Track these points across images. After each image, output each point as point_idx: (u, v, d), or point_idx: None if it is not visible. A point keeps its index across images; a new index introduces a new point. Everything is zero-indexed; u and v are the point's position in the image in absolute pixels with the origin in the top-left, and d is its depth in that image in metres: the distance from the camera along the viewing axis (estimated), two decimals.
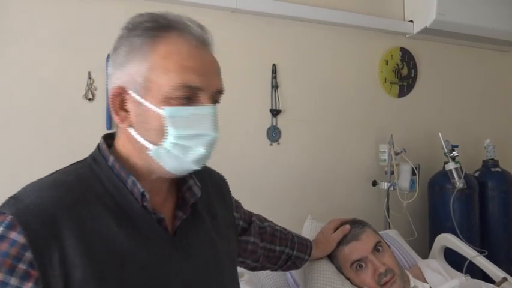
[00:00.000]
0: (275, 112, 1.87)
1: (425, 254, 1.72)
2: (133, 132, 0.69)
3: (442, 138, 1.85)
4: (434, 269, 1.36)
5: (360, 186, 2.05)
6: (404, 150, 1.89)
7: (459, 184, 1.81)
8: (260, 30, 1.86)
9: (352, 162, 2.05)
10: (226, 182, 0.98)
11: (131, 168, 0.71)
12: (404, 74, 2.19)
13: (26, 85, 1.50)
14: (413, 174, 1.89)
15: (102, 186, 0.69)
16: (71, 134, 1.54)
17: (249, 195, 1.78)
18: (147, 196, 0.69)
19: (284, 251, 1.11)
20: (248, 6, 1.78)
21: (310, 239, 1.23)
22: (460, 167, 1.84)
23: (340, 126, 2.03)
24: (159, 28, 0.68)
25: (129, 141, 0.71)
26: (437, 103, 2.28)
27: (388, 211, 1.94)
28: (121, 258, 0.64)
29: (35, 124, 1.51)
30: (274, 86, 1.88)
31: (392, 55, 2.16)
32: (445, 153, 1.86)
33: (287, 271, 1.26)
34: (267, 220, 1.14)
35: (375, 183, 2.01)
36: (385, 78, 2.14)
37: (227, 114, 1.35)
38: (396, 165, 1.91)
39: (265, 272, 1.32)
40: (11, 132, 1.48)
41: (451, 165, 1.84)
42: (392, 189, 1.91)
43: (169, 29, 0.68)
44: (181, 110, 0.66)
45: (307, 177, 1.94)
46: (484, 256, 1.48)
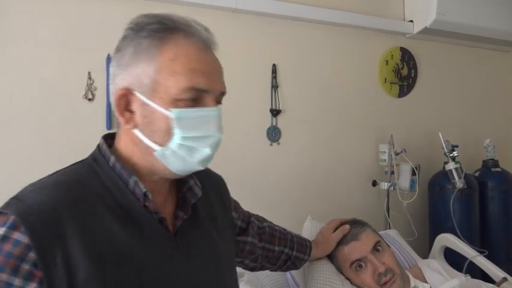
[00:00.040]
0: (275, 112, 1.87)
1: (425, 254, 1.72)
2: (138, 133, 0.69)
3: (442, 138, 1.85)
4: (435, 269, 1.36)
5: (360, 186, 2.05)
6: (405, 150, 1.89)
7: (459, 184, 1.81)
8: (260, 30, 1.86)
9: (352, 162, 2.05)
10: (225, 182, 0.98)
11: (133, 168, 0.71)
12: (404, 74, 2.19)
13: (26, 85, 1.50)
14: (413, 174, 1.89)
15: (103, 186, 0.69)
16: (71, 134, 1.54)
17: (249, 195, 1.79)
18: (150, 196, 0.69)
19: (283, 251, 1.11)
20: (248, 6, 1.78)
21: (310, 239, 1.23)
22: (460, 167, 1.84)
23: (340, 126, 2.03)
24: (166, 30, 0.68)
25: (132, 141, 0.71)
26: (437, 103, 2.28)
27: (388, 211, 1.94)
28: (124, 258, 0.64)
29: (35, 124, 1.51)
30: (274, 86, 1.88)
31: (392, 55, 2.16)
32: (445, 153, 1.86)
33: (287, 271, 1.26)
34: (266, 220, 1.14)
35: (375, 183, 2.00)
36: (385, 78, 2.14)
37: (227, 114, 1.33)
38: (396, 165, 1.91)
39: (265, 272, 1.32)
40: (11, 132, 1.48)
41: (451, 165, 1.84)
42: (392, 189, 1.91)
43: (175, 30, 0.68)
44: (188, 111, 0.67)
45: (307, 177, 1.94)
46: (484, 256, 1.48)
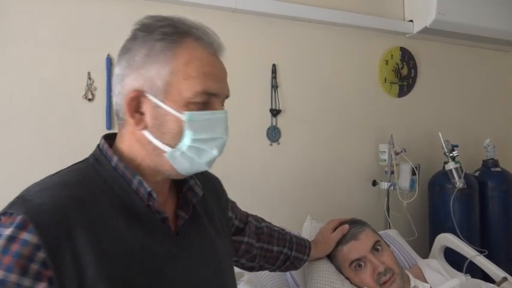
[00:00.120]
0: (275, 112, 1.87)
1: (425, 253, 1.72)
2: (148, 134, 0.69)
3: (442, 138, 1.85)
4: (435, 268, 1.36)
5: (360, 186, 2.05)
6: (404, 150, 1.89)
7: (459, 184, 1.81)
8: (260, 30, 1.87)
9: (352, 162, 2.05)
10: (221, 182, 0.98)
11: (136, 168, 0.71)
12: (404, 73, 2.19)
13: (26, 85, 1.50)
14: (413, 174, 1.89)
15: (106, 185, 0.69)
16: (71, 134, 1.55)
17: (249, 195, 1.80)
18: (154, 196, 0.70)
19: (282, 251, 1.11)
20: (248, 6, 1.78)
21: (310, 240, 1.23)
22: (460, 167, 1.84)
23: (340, 126, 2.03)
24: (178, 33, 0.69)
25: (139, 142, 0.71)
26: (437, 103, 2.28)
27: (388, 211, 1.94)
28: (130, 257, 0.65)
29: (35, 124, 1.51)
30: (274, 86, 1.88)
31: (392, 55, 2.16)
32: (445, 153, 1.86)
33: (286, 272, 1.26)
34: (264, 221, 1.14)
35: (374, 183, 2.01)
36: (385, 78, 2.14)
37: None
38: (396, 165, 1.91)
39: (265, 272, 1.31)
40: (11, 132, 1.48)
41: (451, 165, 1.84)
42: (392, 189, 1.91)
43: (187, 34, 0.70)
44: (200, 114, 0.69)
45: (307, 177, 1.94)
46: (484, 256, 1.48)
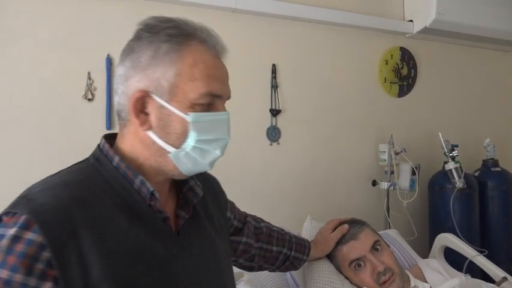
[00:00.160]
0: (275, 112, 1.87)
1: (425, 253, 1.72)
2: (152, 135, 0.70)
3: (442, 138, 1.85)
4: (435, 268, 1.36)
5: (360, 186, 2.05)
6: (404, 150, 1.89)
7: (459, 184, 1.81)
8: (260, 30, 1.87)
9: (352, 162, 2.05)
10: (219, 182, 0.98)
11: (138, 168, 0.72)
12: (404, 73, 2.19)
13: (26, 85, 1.50)
14: (413, 174, 1.89)
15: (108, 185, 0.69)
16: (70, 134, 1.55)
17: (249, 195, 1.80)
18: (157, 195, 0.70)
19: (282, 251, 1.11)
20: (248, 6, 1.78)
21: (310, 240, 1.23)
22: (460, 167, 1.84)
23: (340, 126, 2.03)
24: (183, 35, 0.70)
25: (142, 143, 0.71)
26: (437, 103, 2.28)
27: (388, 211, 1.94)
28: (133, 257, 0.65)
29: (35, 124, 1.51)
30: (274, 86, 1.88)
31: (392, 55, 2.16)
32: (445, 153, 1.86)
33: (286, 272, 1.26)
34: (263, 221, 1.14)
35: (374, 183, 2.01)
36: (385, 78, 2.14)
37: None
38: (396, 165, 1.91)
39: (265, 272, 1.31)
40: (11, 132, 1.48)
41: (451, 165, 1.84)
42: (392, 189, 1.91)
43: (192, 37, 0.70)
44: (204, 115, 0.70)
45: (307, 177, 1.94)
46: (484, 256, 1.48)
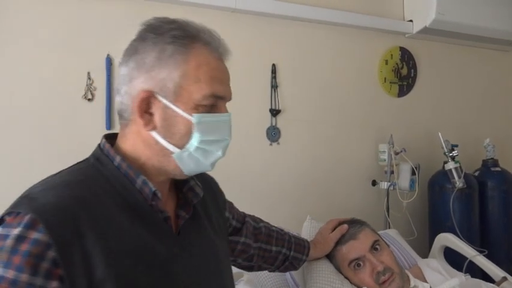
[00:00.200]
0: (275, 112, 1.87)
1: (425, 253, 1.72)
2: (156, 135, 0.70)
3: (441, 138, 1.85)
4: (434, 268, 1.36)
5: (360, 186, 2.05)
6: (404, 150, 1.89)
7: (459, 184, 1.81)
8: (259, 30, 1.87)
9: (351, 162, 2.05)
10: (217, 183, 0.99)
11: (140, 168, 0.72)
12: (403, 73, 2.19)
13: (26, 85, 1.50)
14: (413, 173, 1.89)
15: (109, 185, 0.69)
16: (70, 134, 1.55)
17: (249, 195, 1.80)
18: (159, 195, 0.70)
19: (281, 251, 1.12)
20: (247, 6, 1.78)
21: (309, 240, 1.23)
22: (459, 167, 1.84)
23: (340, 126, 2.03)
24: (188, 37, 0.70)
25: (145, 143, 0.72)
26: (437, 103, 2.28)
27: (387, 211, 1.94)
28: (135, 256, 0.65)
29: (35, 124, 1.51)
30: (274, 86, 1.88)
31: (391, 55, 2.16)
32: (444, 153, 1.86)
33: (285, 272, 1.26)
34: (262, 221, 1.14)
35: (374, 183, 2.00)
36: (385, 78, 2.14)
37: None
38: (396, 165, 1.91)
39: (264, 272, 1.31)
40: (11, 132, 1.48)
41: (451, 165, 1.84)
42: (392, 188, 1.91)
43: (196, 39, 0.71)
44: (208, 116, 0.71)
45: (307, 177, 1.94)
46: (483, 255, 1.48)
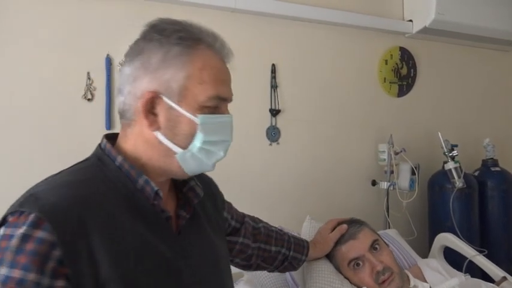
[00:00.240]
0: (274, 112, 1.87)
1: (425, 253, 1.72)
2: (159, 135, 0.70)
3: (441, 138, 1.85)
4: (434, 268, 1.36)
5: (360, 186, 2.05)
6: (404, 150, 1.89)
7: (459, 183, 1.81)
8: (259, 30, 1.87)
9: (351, 162, 2.05)
10: (215, 183, 0.99)
11: (141, 168, 0.72)
12: (403, 73, 2.19)
13: (26, 85, 1.50)
14: (413, 173, 1.89)
15: (111, 184, 0.69)
16: (70, 134, 1.55)
17: (248, 195, 1.81)
18: (161, 195, 0.71)
19: (280, 251, 1.12)
20: (247, 6, 1.78)
21: (309, 240, 1.23)
22: (459, 167, 1.84)
23: (339, 126, 2.03)
24: (193, 38, 0.71)
25: (147, 143, 0.72)
26: (436, 103, 2.28)
27: (387, 211, 1.94)
28: (139, 256, 0.65)
29: (34, 124, 1.51)
30: (274, 86, 1.88)
31: (391, 55, 2.16)
32: (444, 153, 1.86)
33: (284, 272, 1.26)
34: (261, 221, 1.14)
35: (374, 183, 2.00)
36: (385, 78, 2.14)
37: None
38: (396, 165, 1.91)
39: (264, 272, 1.31)
40: (11, 132, 1.48)
41: (451, 165, 1.84)
42: (391, 188, 1.91)
43: (200, 41, 0.72)
44: (212, 118, 0.72)
45: (307, 177, 1.94)
46: (483, 255, 1.48)
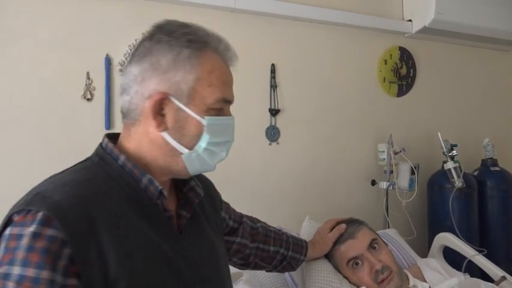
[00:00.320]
0: (274, 112, 1.87)
1: (424, 253, 1.72)
2: (166, 136, 0.71)
3: (441, 138, 1.85)
4: (434, 268, 1.36)
5: (359, 186, 2.05)
6: (403, 150, 1.89)
7: (458, 183, 1.81)
8: (258, 30, 1.87)
9: (351, 162, 2.05)
10: (212, 183, 1.00)
11: (144, 167, 0.72)
12: (403, 73, 2.19)
13: (26, 85, 1.50)
14: (413, 173, 1.90)
15: (115, 183, 0.69)
16: (70, 134, 1.55)
17: (248, 195, 1.81)
18: (165, 194, 0.71)
19: (279, 251, 1.12)
20: (247, 6, 1.78)
21: (308, 239, 1.23)
22: (459, 166, 1.84)
23: (339, 125, 2.03)
24: (200, 42, 0.72)
25: (153, 143, 0.72)
26: (436, 102, 2.29)
27: (387, 210, 1.94)
28: (144, 254, 0.66)
29: (34, 124, 1.51)
30: (273, 86, 1.88)
31: (391, 54, 2.16)
32: (444, 153, 1.86)
33: (283, 272, 1.26)
34: (259, 221, 1.15)
35: (374, 183, 2.01)
36: (384, 78, 2.14)
37: None
38: (395, 165, 1.91)
39: (264, 272, 1.32)
40: (11, 132, 1.48)
41: (450, 165, 1.84)
42: (391, 188, 1.92)
43: (207, 44, 0.73)
44: (217, 119, 0.73)
45: (307, 176, 1.94)
46: (483, 255, 1.49)
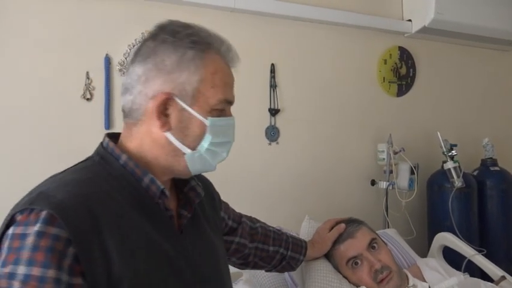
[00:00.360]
0: (274, 111, 1.87)
1: (424, 253, 1.72)
2: (169, 136, 0.72)
3: (440, 137, 1.85)
4: (433, 267, 1.36)
5: (359, 186, 2.05)
6: (403, 150, 1.89)
7: (458, 183, 1.81)
8: (258, 29, 1.87)
9: (351, 162, 2.05)
10: (212, 183, 1.00)
11: (145, 166, 0.73)
12: (402, 73, 2.19)
13: (26, 85, 1.50)
14: (412, 173, 1.90)
15: (116, 183, 0.69)
16: (69, 133, 1.55)
17: (248, 195, 1.81)
18: (167, 193, 0.72)
19: (278, 251, 1.12)
20: (246, 6, 1.79)
21: (307, 239, 1.23)
22: (458, 166, 1.84)
23: (338, 125, 2.03)
24: (204, 43, 0.73)
25: (155, 142, 0.72)
26: (435, 102, 2.29)
27: (386, 210, 1.94)
28: (147, 253, 0.66)
29: (34, 124, 1.51)
30: (273, 86, 1.88)
31: (390, 54, 2.16)
32: (443, 152, 1.86)
33: (282, 272, 1.26)
34: (259, 221, 1.15)
35: (373, 183, 2.01)
36: (384, 78, 2.14)
37: None
38: (395, 165, 1.92)
39: (263, 272, 1.31)
40: (11, 132, 1.48)
41: (450, 164, 1.84)
42: (391, 188, 1.92)
43: (210, 45, 0.74)
44: (220, 120, 0.74)
45: (306, 176, 1.95)
46: (482, 255, 1.49)
